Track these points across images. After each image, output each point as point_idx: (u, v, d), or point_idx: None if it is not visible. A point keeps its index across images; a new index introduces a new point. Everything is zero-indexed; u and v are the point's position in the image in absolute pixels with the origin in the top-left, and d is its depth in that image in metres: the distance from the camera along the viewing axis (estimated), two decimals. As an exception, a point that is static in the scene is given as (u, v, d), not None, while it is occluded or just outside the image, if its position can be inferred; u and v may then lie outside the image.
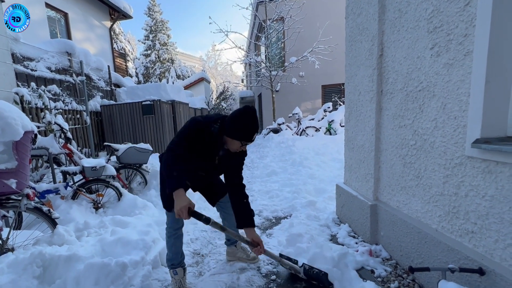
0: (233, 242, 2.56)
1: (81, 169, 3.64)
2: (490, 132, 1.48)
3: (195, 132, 1.85)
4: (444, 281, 1.54)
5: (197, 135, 1.86)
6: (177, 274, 2.21)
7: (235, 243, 2.56)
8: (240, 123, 1.80)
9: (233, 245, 2.57)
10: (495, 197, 1.45)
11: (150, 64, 25.15)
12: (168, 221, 2.21)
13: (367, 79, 2.59)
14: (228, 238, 2.57)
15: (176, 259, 2.22)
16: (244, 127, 1.80)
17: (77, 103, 6.24)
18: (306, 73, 12.31)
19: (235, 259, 2.57)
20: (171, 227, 2.20)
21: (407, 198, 2.15)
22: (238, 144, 1.87)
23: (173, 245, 2.21)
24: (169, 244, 2.22)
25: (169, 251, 2.23)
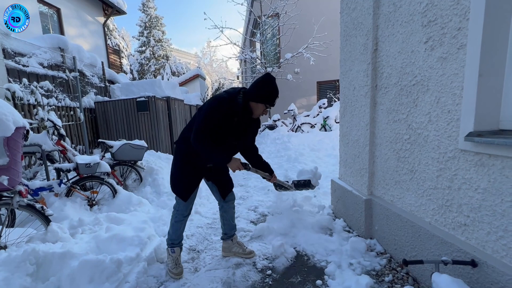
0: (230, 236, 2.60)
1: (75, 166, 3.61)
2: (483, 125, 1.49)
3: (223, 116, 2.02)
4: (438, 274, 1.56)
5: (224, 118, 2.03)
6: (174, 253, 2.41)
7: (231, 237, 2.60)
8: (265, 87, 2.04)
9: (229, 239, 2.60)
10: (487, 189, 1.46)
11: (145, 60, 24.92)
12: (179, 208, 2.36)
13: (361, 74, 2.59)
14: (225, 233, 2.61)
15: (178, 239, 2.44)
16: (268, 90, 2.04)
17: (71, 100, 6.15)
18: (301, 70, 12.28)
19: (230, 254, 2.59)
20: (181, 214, 2.37)
21: (401, 192, 2.16)
22: (263, 107, 2.10)
23: (179, 228, 2.41)
24: (175, 227, 2.39)
25: (174, 233, 2.41)
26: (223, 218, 2.59)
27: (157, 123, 6.59)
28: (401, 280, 2.02)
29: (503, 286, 1.37)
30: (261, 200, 4.03)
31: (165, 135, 7.00)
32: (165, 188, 4.36)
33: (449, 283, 1.44)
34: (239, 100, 2.08)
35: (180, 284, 2.23)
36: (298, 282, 2.17)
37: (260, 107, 2.10)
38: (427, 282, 1.83)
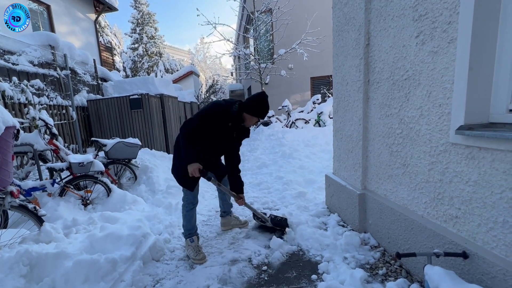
0: (228, 213, 3.08)
1: (68, 166, 3.57)
2: (474, 118, 1.50)
3: (218, 116, 2.35)
4: (430, 266, 1.58)
5: (220, 119, 2.36)
6: (193, 242, 2.63)
7: (230, 214, 3.09)
8: (259, 103, 2.36)
9: (228, 215, 3.08)
10: (478, 182, 1.48)
11: (138, 58, 24.63)
12: (188, 198, 2.63)
13: (354, 69, 2.60)
14: (224, 211, 3.08)
15: (193, 228, 2.68)
16: (262, 106, 2.37)
17: (63, 98, 6.07)
18: (295, 65, 12.26)
19: (229, 227, 3.07)
20: (190, 203, 2.64)
21: (394, 186, 2.18)
22: (256, 119, 2.42)
23: (192, 217, 2.67)
24: (188, 217, 2.65)
25: (188, 223, 2.65)
26: (222, 199, 3.04)
27: (151, 121, 6.54)
28: (395, 273, 2.04)
29: (494, 277, 1.39)
30: (256, 197, 4.04)
31: (159, 133, 6.95)
32: (160, 186, 4.34)
33: (442, 275, 1.46)
34: (234, 108, 2.41)
35: (176, 281, 2.23)
36: (294, 277, 2.18)
37: (254, 119, 2.42)
38: (420, 274, 1.85)
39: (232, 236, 2.93)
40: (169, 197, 3.91)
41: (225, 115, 2.37)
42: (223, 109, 2.37)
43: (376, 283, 1.98)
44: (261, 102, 2.36)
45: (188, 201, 2.63)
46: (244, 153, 7.06)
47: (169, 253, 2.67)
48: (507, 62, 1.39)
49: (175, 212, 3.55)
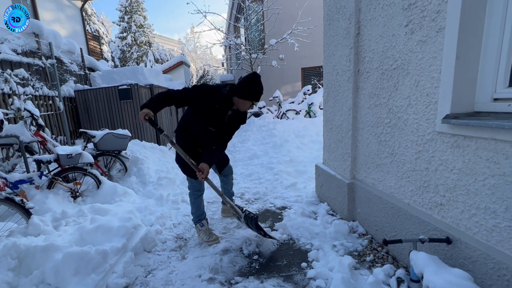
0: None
1: (55, 157, 3.50)
2: (459, 107, 1.52)
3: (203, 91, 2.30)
4: (415, 252, 1.62)
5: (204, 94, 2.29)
6: (203, 226, 2.69)
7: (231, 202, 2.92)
8: (250, 85, 2.21)
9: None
10: (462, 170, 1.51)
11: (127, 47, 24.05)
12: (193, 186, 2.66)
13: (344, 59, 2.59)
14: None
15: (202, 214, 2.72)
16: (253, 88, 2.21)
17: (49, 88, 5.89)
18: (285, 56, 12.16)
19: (229, 215, 3.11)
20: (197, 190, 2.68)
21: (382, 175, 2.21)
22: (249, 103, 2.30)
23: (200, 204, 2.72)
24: (196, 205, 2.69)
25: (197, 210, 2.70)
26: (223, 189, 3.01)
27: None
28: (382, 259, 2.10)
29: (475, 261, 1.44)
30: (248, 187, 4.05)
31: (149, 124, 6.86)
32: (150, 177, 4.32)
33: (426, 260, 1.51)
34: (223, 91, 2.31)
35: (168, 272, 2.25)
36: (284, 265, 2.22)
37: (247, 103, 2.29)
38: (406, 260, 1.91)
39: (223, 226, 2.96)
40: (160, 189, 3.89)
41: (210, 96, 2.28)
42: (210, 89, 2.32)
43: (364, 269, 2.03)
44: (252, 83, 2.20)
45: (195, 189, 2.67)
46: (235, 144, 7.06)
47: (161, 244, 2.68)
48: (492, 51, 1.40)
49: (166, 204, 3.55)
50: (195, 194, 2.68)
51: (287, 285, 1.98)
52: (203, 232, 2.66)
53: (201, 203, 2.72)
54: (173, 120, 8.94)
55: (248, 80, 2.21)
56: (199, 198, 2.69)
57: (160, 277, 2.18)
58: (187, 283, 2.08)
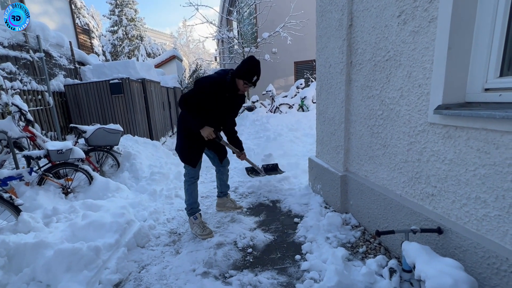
0: (225, 194, 3.15)
1: (45, 153, 3.43)
2: (451, 98, 1.52)
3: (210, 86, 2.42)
4: (407, 242, 1.64)
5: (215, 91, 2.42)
6: (197, 219, 2.70)
7: (226, 195, 3.16)
8: (245, 65, 2.43)
9: (225, 196, 3.16)
10: (453, 160, 1.52)
11: (118, 41, 23.63)
12: (190, 173, 2.72)
13: (337, 51, 2.57)
14: (221, 191, 3.14)
15: (196, 203, 2.76)
16: (253, 69, 2.42)
17: (37, 83, 5.75)
18: (278, 50, 12.09)
19: (224, 208, 3.14)
20: (192, 177, 2.73)
21: (374, 167, 2.22)
22: (245, 83, 2.46)
23: (193, 191, 2.74)
24: (190, 191, 2.72)
25: (191, 197, 2.73)
26: (220, 180, 3.09)
27: (133, 106, 6.35)
28: (374, 250, 2.12)
29: (465, 250, 1.46)
30: (242, 181, 4.05)
31: (142, 119, 6.78)
32: (143, 173, 4.27)
33: (418, 250, 1.52)
34: (228, 78, 2.47)
35: (162, 267, 2.23)
36: (278, 258, 2.22)
37: (241, 82, 2.46)
38: (398, 251, 1.93)
39: (217, 220, 2.95)
40: (153, 184, 3.86)
41: (220, 87, 2.43)
42: (216, 83, 2.43)
43: (357, 260, 2.05)
44: (250, 64, 2.41)
45: (190, 176, 2.71)
46: (229, 138, 7.03)
47: (155, 239, 2.67)
48: (484, 41, 1.40)
49: (159, 199, 3.52)
50: (190, 180, 2.72)
51: (281, 278, 1.98)
52: (196, 225, 2.66)
53: (194, 190, 2.75)
54: (166, 114, 8.86)
55: (247, 61, 2.45)
56: (193, 185, 2.74)
57: (154, 272, 2.16)
58: (181, 277, 2.07)
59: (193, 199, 2.74)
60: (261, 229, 2.69)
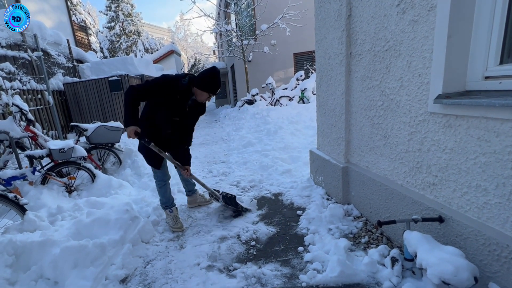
0: (193, 192, 3.21)
1: (48, 152, 3.46)
2: (451, 87, 1.52)
3: (165, 87, 2.36)
4: (409, 231, 1.66)
5: (166, 87, 2.37)
6: (172, 212, 2.83)
7: (195, 192, 3.22)
8: (209, 79, 2.36)
9: (194, 194, 3.21)
10: (454, 149, 1.52)
11: (115, 37, 23.48)
12: (158, 176, 2.79)
13: (336, 42, 2.55)
14: (189, 190, 3.19)
15: (169, 201, 2.86)
16: (213, 82, 2.37)
17: (37, 82, 5.76)
18: (277, 41, 11.96)
19: (195, 204, 3.21)
20: (161, 180, 2.81)
21: (375, 158, 2.22)
22: (206, 95, 2.44)
23: (165, 191, 2.84)
24: (162, 192, 2.83)
25: (163, 197, 2.85)
26: (183, 181, 3.16)
27: (133, 103, 6.34)
28: (376, 240, 2.14)
29: (466, 238, 1.47)
30: (243, 175, 4.06)
31: (143, 115, 6.78)
32: (145, 169, 4.29)
33: (419, 239, 1.54)
34: (183, 81, 2.42)
35: (167, 261, 2.26)
36: (281, 250, 2.25)
37: (205, 94, 2.42)
38: (400, 240, 1.94)
39: (219, 214, 2.97)
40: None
41: (171, 87, 2.37)
42: (170, 81, 2.38)
43: (359, 251, 2.07)
44: (212, 77, 2.36)
45: (159, 179, 2.80)
46: (229, 132, 7.04)
47: (159, 235, 2.69)
48: (484, 28, 1.39)
49: (162, 194, 3.55)
50: (160, 183, 2.81)
51: (284, 269, 2.01)
52: (170, 218, 2.81)
53: (166, 191, 2.84)
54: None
55: (208, 73, 2.37)
56: (164, 187, 2.83)
57: (159, 267, 2.20)
58: (186, 271, 2.10)
59: (166, 198, 2.84)
60: (263, 222, 2.71)
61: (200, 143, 6.12)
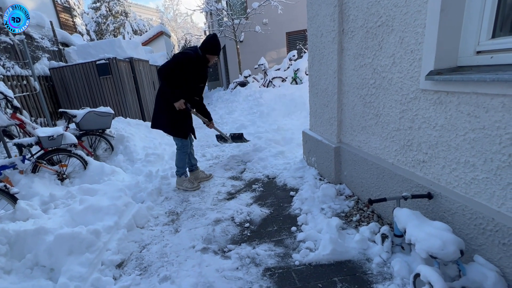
0: (196, 168, 3.50)
1: (36, 140, 3.38)
2: (443, 63, 1.49)
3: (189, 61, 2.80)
4: (398, 208, 1.68)
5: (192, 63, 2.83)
6: (187, 176, 3.31)
7: (197, 168, 3.51)
8: (216, 43, 2.95)
9: (196, 169, 3.49)
10: (444, 126, 1.52)
11: (102, 19, 22.59)
12: (183, 145, 3.15)
13: (328, 18, 2.47)
14: (193, 164, 3.47)
15: (184, 168, 3.28)
16: (218, 45, 2.98)
17: (21, 68, 5.53)
18: (269, 20, 11.61)
19: (199, 180, 3.42)
20: (186, 148, 3.18)
21: (367, 137, 2.22)
22: (214, 57, 3.01)
23: (184, 159, 3.23)
24: (183, 159, 3.20)
25: (183, 165, 3.23)
26: (190, 155, 3.38)
27: (122, 88, 6.19)
28: (367, 218, 2.18)
29: (454, 213, 1.50)
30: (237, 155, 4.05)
31: (133, 100, 6.65)
32: (138, 155, 4.26)
33: (408, 215, 1.57)
34: (199, 53, 2.91)
35: (162, 245, 2.28)
36: (275, 230, 2.28)
37: (213, 57, 2.99)
38: (390, 217, 1.98)
39: (213, 197, 2.99)
40: (149, 165, 3.86)
41: (197, 62, 2.86)
42: (193, 57, 2.82)
43: (351, 229, 2.11)
44: (218, 42, 2.95)
45: (184, 149, 3.16)
46: (222, 115, 6.97)
47: (154, 220, 2.71)
48: (477, 1, 1.34)
49: (156, 180, 3.53)
50: (183, 152, 3.18)
51: (278, 249, 2.05)
52: (187, 182, 3.23)
53: (185, 159, 3.24)
54: (157, 94, 8.67)
55: (213, 40, 2.91)
56: (186, 154, 3.22)
57: (154, 251, 2.22)
58: (181, 254, 2.13)
59: (183, 164, 3.23)
60: (257, 204, 2.74)
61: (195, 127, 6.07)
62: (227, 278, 1.82)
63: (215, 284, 1.77)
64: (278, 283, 1.74)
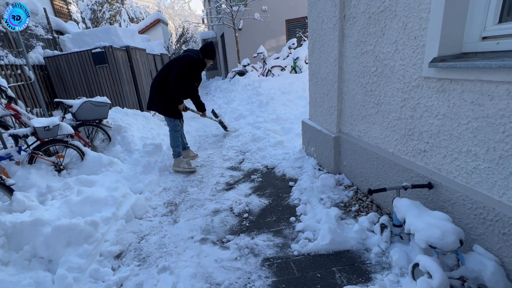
0: (188, 147, 3.98)
1: (32, 131, 3.33)
2: (447, 49, 1.44)
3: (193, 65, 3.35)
4: (398, 198, 1.66)
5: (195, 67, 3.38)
6: (184, 158, 3.66)
7: (189, 148, 4.00)
8: (213, 49, 3.47)
9: (188, 148, 3.97)
10: (446, 115, 1.48)
11: (97, 6, 22.04)
12: (175, 125, 3.53)
13: (329, 4, 2.40)
14: (185, 143, 3.97)
15: (179, 147, 3.60)
16: (214, 52, 3.49)
17: (15, 56, 5.42)
18: (268, 7, 11.36)
19: (189, 158, 3.88)
20: (177, 127, 3.55)
21: (367, 126, 2.18)
22: (210, 61, 3.52)
23: (177, 137, 3.56)
24: (176, 137, 3.54)
25: (175, 141, 3.55)
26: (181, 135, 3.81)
27: (119, 77, 6.09)
28: (366, 208, 2.16)
29: (454, 202, 1.48)
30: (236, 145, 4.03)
31: (130, 89, 6.55)
32: (136, 145, 4.22)
33: (408, 205, 1.55)
34: (198, 57, 3.41)
35: (160, 236, 2.28)
36: (274, 221, 2.27)
37: (210, 61, 3.51)
38: (389, 207, 1.97)
39: (212, 188, 2.97)
40: (147, 156, 3.81)
41: (199, 65, 3.42)
42: (197, 61, 3.37)
43: (350, 219, 2.10)
44: (214, 49, 3.47)
45: (175, 129, 3.52)
46: (221, 105, 6.90)
47: (152, 210, 2.70)
48: (484, -17, 1.28)
49: (154, 170, 3.50)
50: (176, 130, 3.53)
51: (277, 239, 2.04)
52: (184, 162, 3.54)
53: (179, 137, 3.59)
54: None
55: (211, 47, 3.45)
56: (178, 133, 3.56)
57: (153, 242, 2.22)
58: (180, 245, 2.13)
59: (177, 143, 3.55)
60: (256, 194, 2.73)
61: (191, 117, 5.99)
62: (225, 268, 1.82)
63: (214, 274, 1.77)
64: (276, 273, 1.74)
